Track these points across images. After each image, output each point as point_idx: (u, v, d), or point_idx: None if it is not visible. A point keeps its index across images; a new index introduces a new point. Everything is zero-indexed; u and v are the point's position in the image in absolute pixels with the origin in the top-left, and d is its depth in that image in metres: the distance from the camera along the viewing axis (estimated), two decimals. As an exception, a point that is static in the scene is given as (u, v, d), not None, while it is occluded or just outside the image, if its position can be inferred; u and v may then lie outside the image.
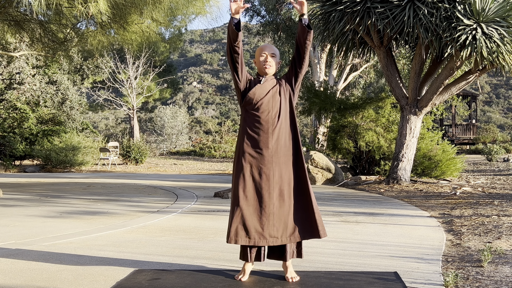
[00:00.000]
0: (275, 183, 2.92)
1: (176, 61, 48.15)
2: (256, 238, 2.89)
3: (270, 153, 2.92)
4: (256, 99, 2.97)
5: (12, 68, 17.75)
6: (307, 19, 3.00)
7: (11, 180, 11.09)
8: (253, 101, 2.97)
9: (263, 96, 2.97)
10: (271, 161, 2.92)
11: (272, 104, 2.97)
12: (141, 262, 3.42)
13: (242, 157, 2.96)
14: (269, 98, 2.97)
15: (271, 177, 2.91)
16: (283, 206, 2.92)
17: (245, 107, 3.02)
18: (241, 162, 2.96)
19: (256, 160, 2.94)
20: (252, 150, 2.95)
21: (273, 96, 2.98)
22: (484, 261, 3.35)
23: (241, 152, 2.98)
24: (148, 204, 6.74)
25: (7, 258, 3.54)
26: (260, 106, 2.96)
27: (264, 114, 2.95)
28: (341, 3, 8.24)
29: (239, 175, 2.95)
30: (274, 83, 3.03)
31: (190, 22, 60.33)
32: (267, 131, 2.94)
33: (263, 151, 2.93)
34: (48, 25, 10.17)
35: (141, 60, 25.73)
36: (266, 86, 3.00)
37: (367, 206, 6.42)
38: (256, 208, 2.91)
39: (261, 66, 3.03)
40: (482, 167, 13.83)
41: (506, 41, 7.59)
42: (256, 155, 2.94)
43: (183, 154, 26.27)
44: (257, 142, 2.94)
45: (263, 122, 2.95)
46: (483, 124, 39.79)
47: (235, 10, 2.90)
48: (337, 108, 11.48)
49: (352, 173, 11.53)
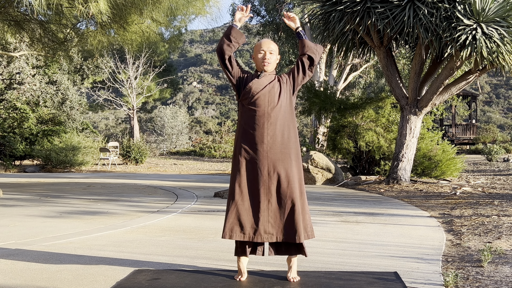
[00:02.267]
0: (271, 179, 2.90)
1: (176, 61, 48.15)
2: (251, 234, 2.89)
3: (266, 148, 2.91)
4: (252, 93, 2.95)
5: (12, 68, 17.74)
6: (303, 31, 3.07)
7: (11, 180, 11.09)
8: (249, 94, 2.96)
9: (259, 90, 2.95)
10: (266, 157, 2.90)
11: (268, 99, 2.95)
12: (141, 262, 3.42)
13: (238, 152, 2.96)
14: (265, 92, 2.95)
15: (264, 172, 2.90)
16: (279, 203, 2.90)
17: (242, 102, 3.01)
18: (237, 157, 2.96)
19: (252, 155, 2.93)
20: (247, 145, 2.94)
21: (270, 91, 2.96)
22: (484, 261, 3.35)
23: (238, 148, 2.98)
24: (148, 204, 6.74)
25: (7, 258, 3.54)
26: (257, 100, 2.95)
27: (261, 109, 2.94)
28: (341, 3, 8.24)
29: (235, 171, 2.95)
30: (272, 78, 3.01)
31: (190, 22, 60.29)
32: (262, 126, 2.92)
33: (258, 146, 2.91)
34: (48, 25, 10.17)
35: (141, 60, 25.73)
36: (264, 81, 2.99)
37: (367, 206, 6.42)
38: (252, 204, 2.91)
39: (260, 63, 3.02)
40: (482, 167, 13.83)
41: (506, 41, 7.59)
42: (251, 151, 2.93)
43: (183, 154, 26.27)
44: (252, 137, 2.93)
45: (258, 117, 2.93)
46: (483, 124, 39.79)
47: (238, 19, 3.01)
48: (337, 108, 11.48)
49: (352, 173, 11.53)
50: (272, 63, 3.02)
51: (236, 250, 3.03)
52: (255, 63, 3.08)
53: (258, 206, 2.90)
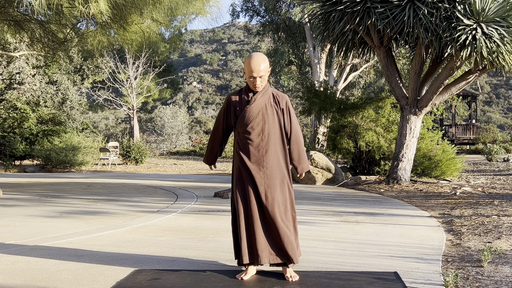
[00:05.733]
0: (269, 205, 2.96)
1: (176, 61, 48.14)
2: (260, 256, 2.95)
3: (262, 175, 2.98)
4: (246, 122, 3.02)
5: (12, 68, 17.74)
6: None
7: (11, 180, 11.09)
8: (243, 123, 3.03)
9: (252, 119, 3.01)
10: (263, 184, 2.98)
11: (261, 126, 3.02)
12: (141, 262, 3.42)
13: (238, 179, 3.04)
14: (259, 120, 3.02)
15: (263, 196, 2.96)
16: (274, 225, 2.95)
17: (237, 129, 3.08)
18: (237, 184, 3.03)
19: (251, 181, 2.99)
20: (246, 171, 3.01)
21: (263, 116, 3.03)
22: (484, 261, 3.35)
23: (236, 174, 3.05)
24: (148, 204, 6.74)
25: (7, 258, 3.54)
26: (250, 130, 3.02)
27: (255, 136, 3.01)
28: (341, 3, 8.24)
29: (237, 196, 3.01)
30: (265, 99, 3.05)
31: (190, 22, 60.31)
32: (258, 154, 3.00)
33: (255, 173, 2.98)
34: (48, 25, 10.17)
35: (141, 60, 25.72)
36: (256, 106, 3.03)
37: (367, 206, 6.42)
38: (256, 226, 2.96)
39: (251, 85, 3.05)
40: (482, 167, 13.83)
41: (506, 41, 7.59)
42: (249, 177, 2.99)
43: (183, 154, 26.26)
44: (249, 164, 2.99)
45: (254, 145, 3.01)
46: (483, 124, 39.80)
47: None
48: (337, 108, 11.48)
49: (352, 173, 11.53)
50: (263, 82, 3.05)
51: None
52: (245, 77, 3.09)
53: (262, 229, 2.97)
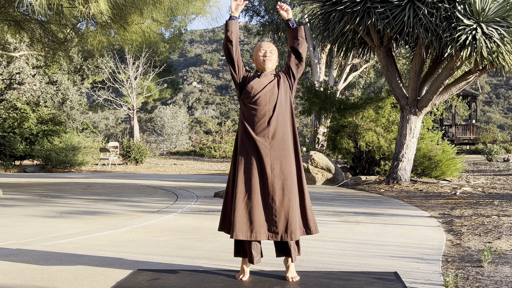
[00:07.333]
0: (275, 177, 2.92)
1: (176, 61, 48.14)
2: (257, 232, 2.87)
3: (268, 146, 2.94)
4: (253, 92, 3.00)
5: (12, 68, 17.75)
6: (294, 21, 3.12)
7: (11, 180, 11.09)
8: (250, 94, 3.01)
9: (260, 90, 3.00)
10: (268, 155, 2.93)
11: (269, 97, 3.00)
12: (141, 262, 3.42)
13: (241, 149, 2.99)
14: (266, 91, 3.00)
15: (268, 170, 2.91)
16: (284, 201, 2.90)
17: (243, 100, 3.05)
18: (239, 154, 2.98)
19: (255, 153, 2.95)
20: (249, 143, 2.97)
21: (271, 90, 3.01)
22: (484, 261, 3.35)
23: (240, 146, 3.00)
24: (148, 204, 6.74)
25: (7, 258, 3.54)
26: (258, 99, 2.99)
27: (261, 107, 2.99)
28: (341, 3, 8.24)
29: (238, 169, 2.95)
30: (273, 77, 3.07)
31: (190, 22, 60.34)
32: (264, 124, 2.96)
33: (260, 143, 2.94)
34: (48, 25, 10.17)
35: (141, 60, 25.72)
36: (264, 81, 3.04)
37: (367, 206, 6.42)
38: (256, 203, 2.90)
39: (260, 61, 3.06)
40: (482, 167, 13.82)
41: (506, 41, 7.59)
42: (254, 149, 2.95)
43: (183, 154, 26.26)
44: (254, 135, 2.96)
45: (260, 116, 2.98)
46: (483, 124, 39.80)
47: (234, 8, 3.05)
48: (337, 108, 11.48)
49: (352, 173, 11.53)
50: (272, 61, 3.08)
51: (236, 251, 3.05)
52: (255, 63, 3.13)
53: (263, 204, 2.91)
